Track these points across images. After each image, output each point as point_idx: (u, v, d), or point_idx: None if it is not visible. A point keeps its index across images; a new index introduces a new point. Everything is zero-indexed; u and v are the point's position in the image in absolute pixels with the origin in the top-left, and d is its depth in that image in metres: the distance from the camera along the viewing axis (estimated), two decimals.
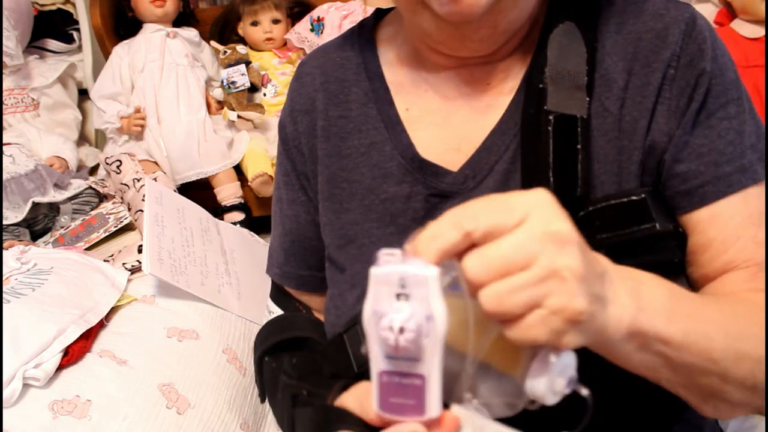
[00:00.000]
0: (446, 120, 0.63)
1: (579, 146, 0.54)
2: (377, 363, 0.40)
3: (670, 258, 0.57)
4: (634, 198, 0.55)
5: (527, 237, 0.37)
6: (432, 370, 0.38)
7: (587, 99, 0.56)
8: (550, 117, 0.55)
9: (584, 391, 0.40)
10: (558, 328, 0.37)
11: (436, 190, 0.61)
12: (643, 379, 0.49)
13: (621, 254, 0.53)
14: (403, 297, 0.37)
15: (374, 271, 0.38)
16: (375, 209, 0.63)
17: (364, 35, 0.69)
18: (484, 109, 0.61)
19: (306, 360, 0.68)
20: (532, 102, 0.57)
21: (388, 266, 0.38)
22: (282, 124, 0.72)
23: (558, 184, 0.54)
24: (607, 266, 0.42)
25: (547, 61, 0.57)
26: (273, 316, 0.76)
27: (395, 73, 0.66)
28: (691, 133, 0.56)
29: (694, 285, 0.59)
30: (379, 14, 0.72)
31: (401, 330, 0.37)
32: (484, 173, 0.59)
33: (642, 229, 0.54)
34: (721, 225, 0.56)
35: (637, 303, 0.42)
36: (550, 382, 0.39)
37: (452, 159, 0.61)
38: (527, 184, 0.56)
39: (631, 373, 0.48)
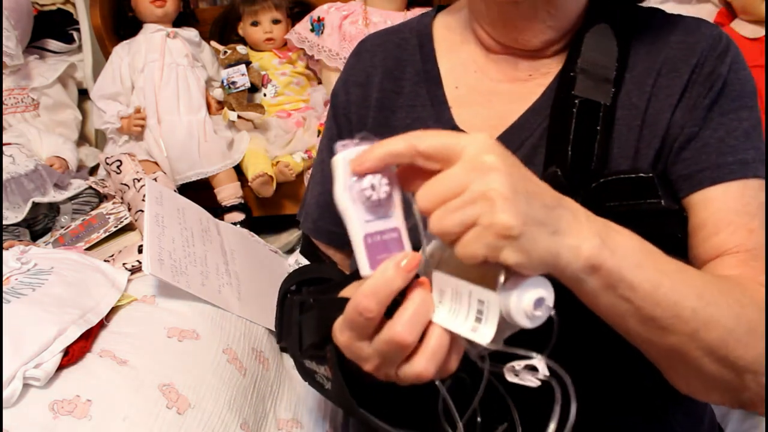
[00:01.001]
0: (489, 100, 0.71)
1: (598, 128, 0.62)
2: (358, 231, 0.45)
3: (673, 232, 0.62)
4: (642, 175, 0.61)
5: (461, 167, 0.42)
6: (401, 219, 0.46)
7: (613, 90, 0.65)
8: (576, 101, 0.63)
9: (553, 314, 0.44)
10: (492, 242, 0.41)
11: None
12: (644, 365, 0.52)
13: (627, 223, 0.56)
14: None
15: (337, 156, 0.45)
16: None
17: (423, 21, 0.78)
18: (524, 95, 0.69)
19: (324, 289, 0.71)
20: (563, 88, 0.66)
21: (347, 149, 0.45)
22: (335, 92, 0.81)
23: (575, 157, 0.61)
24: (569, 204, 0.46)
25: (581, 54, 0.66)
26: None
27: (449, 56, 0.75)
28: (702, 126, 0.63)
29: (690, 264, 0.60)
30: (439, 9, 0.81)
31: (375, 187, 0.44)
32: (515, 147, 0.67)
33: (648, 203, 0.60)
34: (714, 208, 0.61)
35: (602, 241, 0.46)
36: (518, 300, 0.43)
37: (489, 133, 0.66)
38: (549, 155, 0.64)
39: (632, 359, 0.51)
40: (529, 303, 0.43)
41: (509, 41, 0.69)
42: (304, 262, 0.86)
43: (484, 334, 0.43)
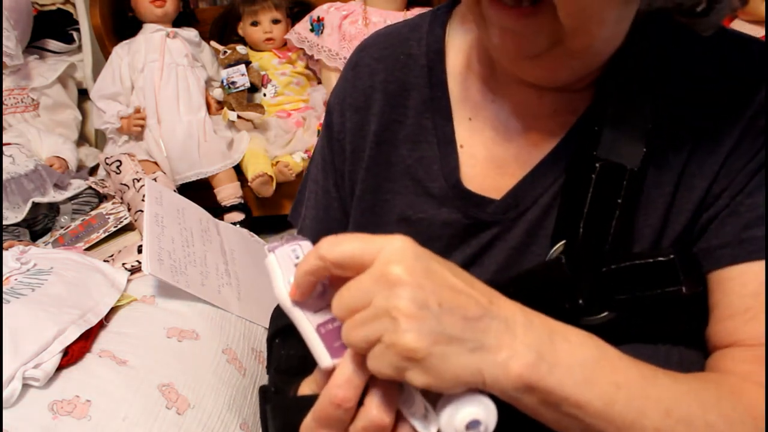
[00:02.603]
0: (506, 139, 0.60)
1: (620, 200, 0.52)
2: (308, 324, 0.44)
3: (689, 323, 0.54)
4: (661, 259, 0.51)
5: (367, 278, 0.40)
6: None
7: (644, 150, 0.52)
8: (597, 164, 0.52)
9: None
10: (396, 363, 0.39)
11: (476, 220, 0.59)
12: None
13: (637, 315, 0.52)
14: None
15: (270, 258, 0.45)
16: (412, 226, 0.62)
17: (435, 33, 0.64)
18: (545, 134, 0.58)
19: (303, 350, 0.67)
20: (584, 142, 0.54)
21: (282, 247, 0.45)
22: (330, 107, 0.69)
23: (586, 236, 0.52)
24: (502, 311, 0.41)
25: (610, 103, 0.54)
26: None
27: (464, 79, 0.62)
28: (740, 192, 0.52)
29: (706, 345, 0.55)
30: (455, 3, 0.66)
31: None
32: (527, 205, 0.58)
33: (666, 291, 0.51)
34: (728, 290, 0.52)
35: (539, 355, 0.41)
36: (449, 419, 0.40)
37: (501, 183, 0.59)
38: (558, 227, 0.55)
39: None
40: (461, 424, 0.40)
41: (526, 78, 0.57)
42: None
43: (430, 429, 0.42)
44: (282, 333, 0.69)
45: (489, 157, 0.60)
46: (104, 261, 1.22)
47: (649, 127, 0.53)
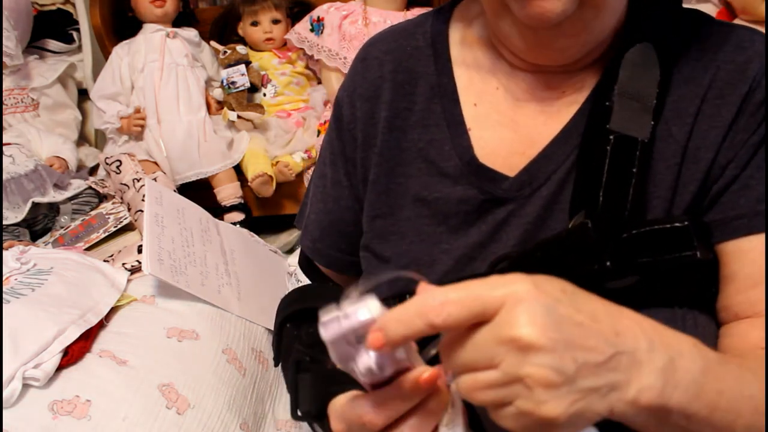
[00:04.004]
0: (513, 121, 0.62)
1: (634, 170, 0.54)
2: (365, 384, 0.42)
3: (707, 287, 0.56)
4: (677, 225, 0.54)
5: (490, 339, 0.37)
6: (412, 359, 0.41)
7: (652, 123, 0.56)
8: (611, 137, 0.55)
9: None
10: (533, 427, 0.37)
11: (491, 196, 0.61)
12: None
13: (659, 277, 0.53)
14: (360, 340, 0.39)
15: (329, 339, 0.38)
16: (428, 206, 0.64)
17: (437, 26, 0.67)
18: (554, 115, 0.61)
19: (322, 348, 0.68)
20: (596, 117, 0.57)
21: (336, 326, 0.38)
22: (339, 101, 0.71)
23: (606, 204, 0.54)
24: (627, 339, 0.40)
25: (618, 79, 0.57)
26: (301, 285, 0.78)
27: (467, 68, 0.65)
28: (746, 166, 0.55)
29: (718, 314, 0.57)
30: (455, 3, 0.70)
31: (382, 367, 0.39)
32: (541, 181, 0.59)
33: (683, 256, 0.53)
34: (748, 261, 0.54)
35: (666, 380, 0.40)
36: None
37: (513, 162, 0.61)
38: (577, 198, 0.57)
39: None
40: None
41: (541, 61, 0.60)
42: (305, 280, 0.79)
43: None
44: (292, 318, 0.70)
45: (498, 138, 0.62)
46: (104, 261, 1.22)
47: (655, 103, 0.56)
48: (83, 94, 2.11)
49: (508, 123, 0.62)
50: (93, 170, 1.97)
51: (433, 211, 0.63)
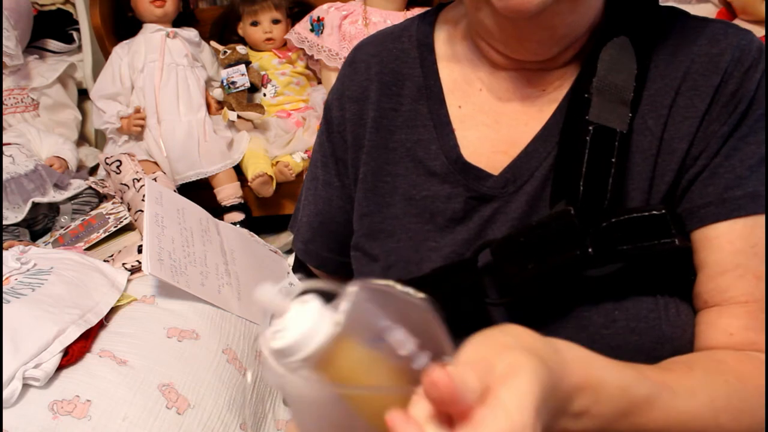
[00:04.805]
0: (496, 121, 0.64)
1: (613, 159, 0.56)
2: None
3: (687, 274, 0.57)
4: (655, 213, 0.55)
5: None
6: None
7: (630, 115, 0.57)
8: (590, 128, 0.56)
9: None
10: None
11: (477, 193, 0.62)
12: None
13: (640, 265, 0.54)
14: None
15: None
16: (416, 205, 0.64)
17: (422, 29, 0.69)
18: (535, 114, 0.62)
19: None
20: (575, 111, 0.58)
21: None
22: (328, 105, 0.73)
23: (586, 194, 0.55)
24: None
25: (596, 72, 0.58)
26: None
27: (451, 70, 0.67)
28: (716, 154, 0.56)
29: (693, 302, 0.58)
30: (440, 7, 0.71)
31: None
32: (524, 178, 0.61)
33: (661, 243, 0.54)
34: (715, 248, 0.55)
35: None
36: None
37: (497, 161, 0.62)
38: (558, 190, 0.58)
39: None
40: None
41: (520, 55, 0.61)
42: (298, 282, 0.81)
43: None
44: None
45: (482, 138, 0.64)
46: (104, 261, 1.22)
47: (632, 96, 0.57)
48: (83, 94, 2.11)
49: (491, 123, 0.64)
50: (93, 170, 1.97)
51: (421, 209, 0.64)
